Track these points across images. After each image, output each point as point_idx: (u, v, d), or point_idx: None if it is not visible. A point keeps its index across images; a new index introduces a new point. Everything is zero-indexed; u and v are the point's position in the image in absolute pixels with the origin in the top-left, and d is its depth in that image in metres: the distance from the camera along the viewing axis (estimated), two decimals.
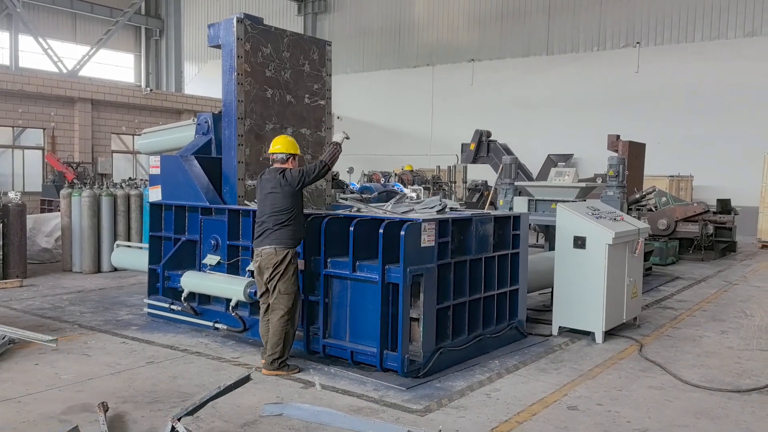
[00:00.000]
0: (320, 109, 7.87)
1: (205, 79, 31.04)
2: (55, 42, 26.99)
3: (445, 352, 5.62)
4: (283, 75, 7.36)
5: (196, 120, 7.70)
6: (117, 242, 9.52)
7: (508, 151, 13.51)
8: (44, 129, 19.63)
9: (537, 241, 13.56)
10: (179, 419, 3.90)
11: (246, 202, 6.92)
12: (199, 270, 7.02)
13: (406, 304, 5.26)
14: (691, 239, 13.63)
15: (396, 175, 19.41)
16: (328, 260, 5.68)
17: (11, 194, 10.01)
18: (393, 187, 15.48)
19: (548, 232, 9.19)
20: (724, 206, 14.79)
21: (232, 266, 6.80)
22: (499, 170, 10.42)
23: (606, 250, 6.49)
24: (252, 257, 6.59)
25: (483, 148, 13.82)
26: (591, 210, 6.94)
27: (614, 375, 5.65)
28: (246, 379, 4.24)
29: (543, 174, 18.00)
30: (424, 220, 5.39)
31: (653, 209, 14.17)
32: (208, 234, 7.01)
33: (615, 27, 22.40)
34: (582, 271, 6.61)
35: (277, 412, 4.51)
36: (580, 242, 6.63)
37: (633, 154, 12.53)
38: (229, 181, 6.98)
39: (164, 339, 6.53)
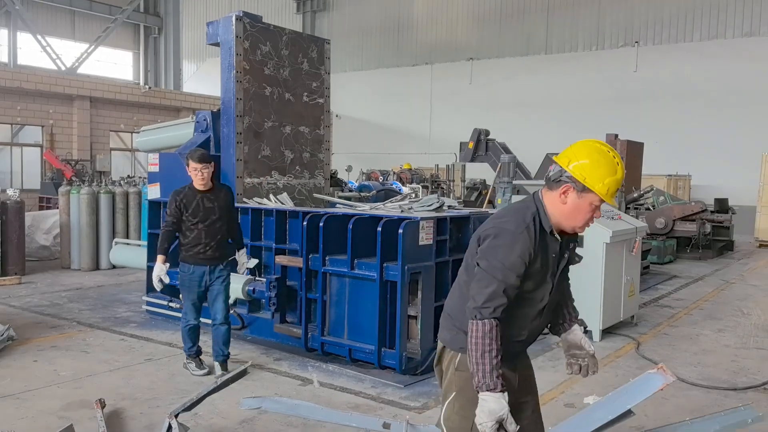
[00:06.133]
0: (319, 107, 7.88)
1: (203, 77, 31.02)
2: (53, 39, 26.93)
3: None
4: (282, 73, 7.37)
5: (194, 118, 7.72)
6: (115, 240, 9.53)
7: (507, 150, 13.50)
8: (43, 126, 19.63)
9: None
10: (177, 415, 3.91)
11: (245, 200, 6.93)
12: None
13: (404, 301, 5.28)
14: (688, 238, 13.66)
15: (394, 173, 19.42)
16: (327, 258, 5.69)
17: (10, 191, 10.02)
18: (391, 185, 15.50)
19: None
20: (722, 205, 14.82)
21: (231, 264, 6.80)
22: (498, 169, 10.41)
23: (603, 248, 6.51)
24: (248, 256, 6.60)
25: (481, 146, 13.79)
26: None
27: (611, 373, 5.67)
28: (243, 373, 4.25)
29: (541, 173, 17.97)
30: (422, 218, 5.40)
31: (651, 208, 14.20)
32: None
33: (614, 26, 22.43)
34: (579, 270, 6.60)
35: (255, 406, 4.50)
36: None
37: (631, 153, 12.54)
38: (228, 179, 6.98)
39: (163, 336, 6.54)
